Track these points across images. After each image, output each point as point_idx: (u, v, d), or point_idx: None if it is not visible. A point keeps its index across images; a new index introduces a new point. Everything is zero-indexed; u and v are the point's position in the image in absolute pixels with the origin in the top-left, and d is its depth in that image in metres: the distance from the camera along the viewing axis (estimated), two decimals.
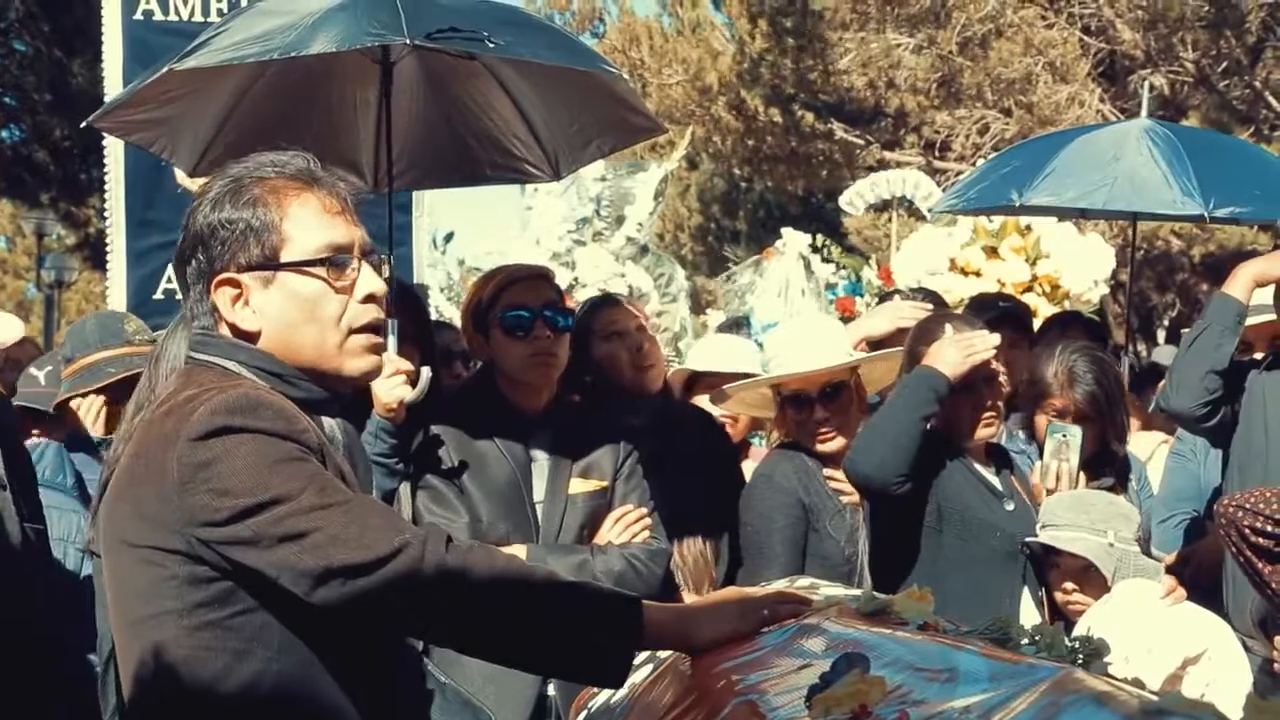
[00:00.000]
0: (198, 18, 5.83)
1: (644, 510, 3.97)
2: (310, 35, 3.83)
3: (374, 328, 2.40)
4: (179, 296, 2.47)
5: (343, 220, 2.38)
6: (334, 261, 2.34)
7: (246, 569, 2.19)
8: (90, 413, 4.24)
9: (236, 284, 2.33)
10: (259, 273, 2.33)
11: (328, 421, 2.46)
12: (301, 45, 3.83)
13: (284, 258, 2.33)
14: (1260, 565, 3.49)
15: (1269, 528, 3.45)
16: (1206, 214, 5.73)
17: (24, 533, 2.67)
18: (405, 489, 3.94)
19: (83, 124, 4.61)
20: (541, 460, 3.96)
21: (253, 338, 2.35)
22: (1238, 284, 4.38)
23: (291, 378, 2.34)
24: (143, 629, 2.26)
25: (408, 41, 3.86)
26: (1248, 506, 3.49)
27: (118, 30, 5.80)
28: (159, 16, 5.82)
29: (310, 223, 2.35)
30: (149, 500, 2.23)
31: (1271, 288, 4.57)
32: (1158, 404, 4.52)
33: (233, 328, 2.35)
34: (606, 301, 4.72)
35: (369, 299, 2.38)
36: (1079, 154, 5.97)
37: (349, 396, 2.52)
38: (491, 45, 3.96)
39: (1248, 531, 3.48)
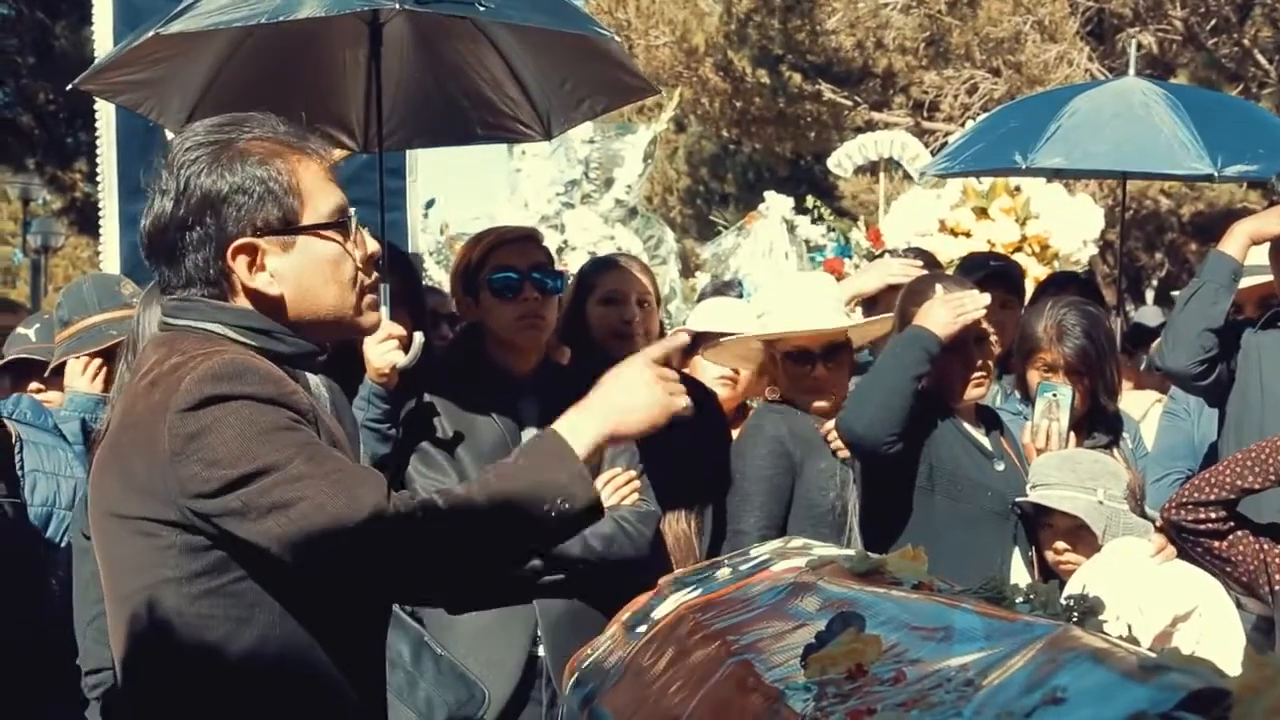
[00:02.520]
0: None
1: (633, 473, 3.97)
2: None
3: (376, 286, 2.42)
4: None
5: (334, 183, 2.37)
6: (344, 224, 2.34)
7: (238, 539, 2.17)
8: (89, 372, 4.24)
9: (253, 249, 2.28)
10: (279, 236, 2.29)
11: (313, 380, 2.44)
12: (289, 9, 3.79)
13: (304, 220, 2.30)
14: (1217, 545, 3.52)
15: (1210, 513, 3.48)
16: (1216, 174, 5.69)
17: (2, 508, 2.66)
18: None
19: (69, 86, 4.58)
20: (530, 423, 3.95)
21: (274, 302, 2.30)
22: (1233, 242, 4.36)
23: (279, 333, 2.31)
24: (139, 599, 2.23)
25: (397, 7, 3.83)
26: (1184, 501, 3.52)
27: None
28: None
29: (319, 185, 2.33)
30: (139, 472, 2.21)
31: (1264, 249, 4.55)
32: (1153, 362, 4.51)
33: (253, 293, 2.30)
34: (611, 264, 4.65)
35: (368, 259, 2.38)
36: (1080, 115, 5.89)
37: (333, 352, 2.50)
38: (482, 8, 3.93)
39: (1192, 524, 3.50)
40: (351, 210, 2.38)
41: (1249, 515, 3.59)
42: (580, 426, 2.28)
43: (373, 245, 2.39)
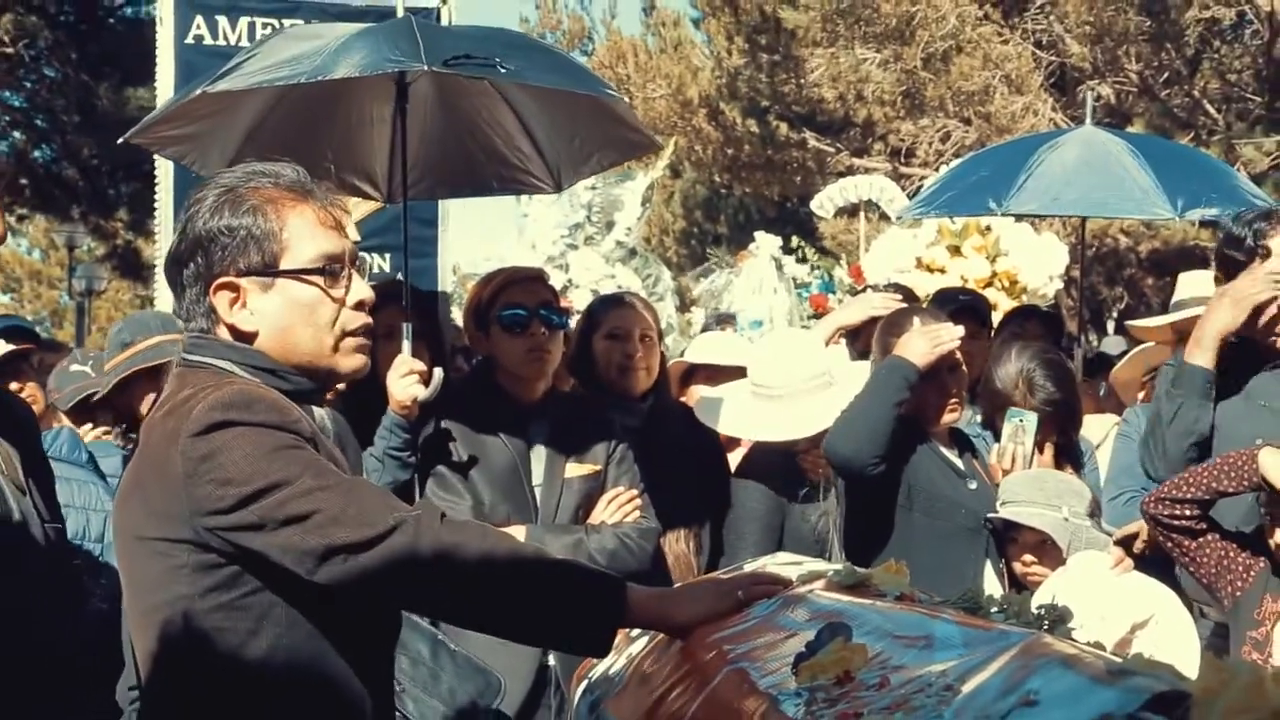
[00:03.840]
0: (244, 43, 5.79)
1: (634, 492, 3.97)
2: (334, 61, 3.81)
3: (364, 330, 2.40)
4: None
5: (335, 233, 2.37)
6: (329, 271, 2.34)
7: (252, 553, 2.17)
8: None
9: (235, 287, 2.31)
10: (258, 278, 2.31)
11: (318, 411, 2.45)
12: (326, 70, 3.80)
13: (283, 265, 2.31)
14: (1187, 544, 3.51)
15: (1186, 510, 3.47)
16: (1177, 216, 5.70)
17: (45, 533, 2.64)
18: None
19: (120, 140, 4.61)
20: (539, 447, 3.96)
21: (250, 338, 2.33)
22: (1203, 351, 3.96)
23: (282, 372, 2.33)
24: (158, 615, 2.24)
25: (425, 68, 3.84)
26: (1162, 496, 3.51)
27: (170, 54, 5.76)
28: (209, 41, 5.79)
29: (307, 233, 2.33)
30: (155, 495, 2.22)
31: (1206, 280, 4.52)
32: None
33: (231, 328, 2.33)
34: (617, 301, 4.65)
35: (359, 305, 2.38)
36: (1048, 164, 5.90)
37: (352, 389, 2.51)
38: (503, 71, 3.93)
39: (1167, 519, 3.49)
40: (347, 258, 2.37)
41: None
42: (645, 605, 2.32)
43: (363, 293, 2.38)
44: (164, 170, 5.79)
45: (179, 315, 2.41)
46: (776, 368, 4.49)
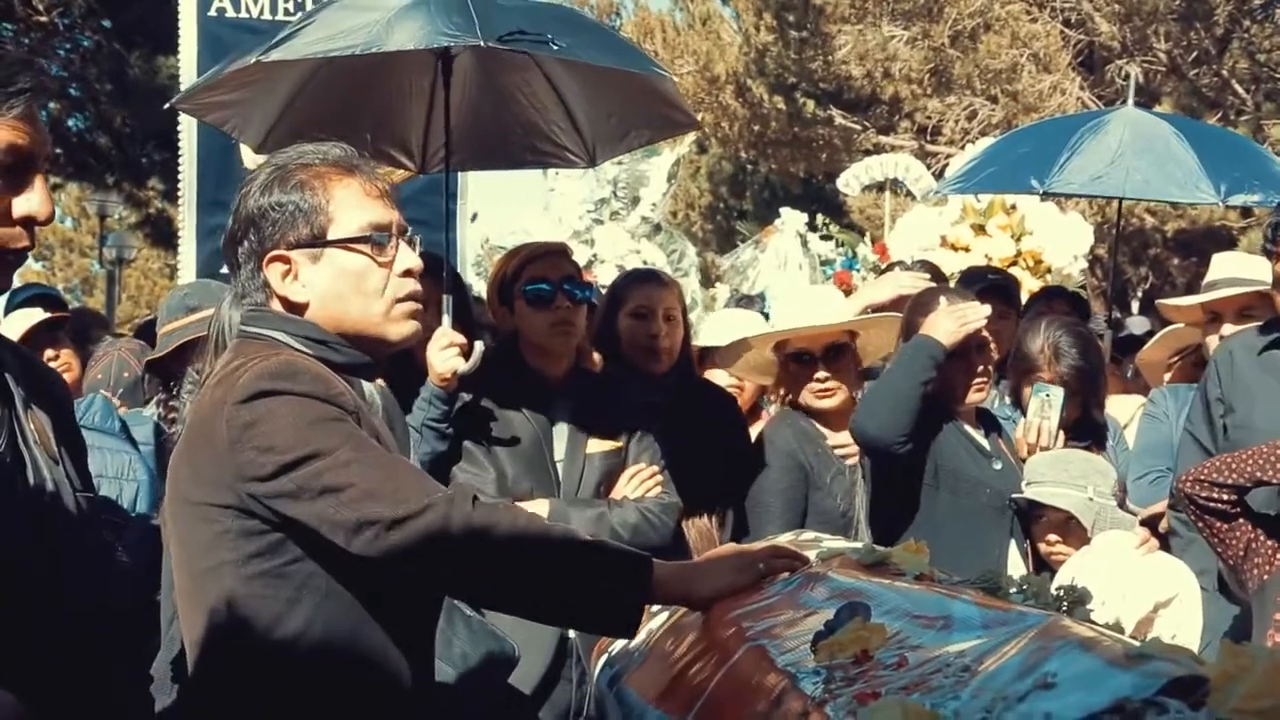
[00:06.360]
0: (266, 15, 5.79)
1: (656, 468, 3.97)
2: (388, 32, 3.80)
3: (413, 298, 2.44)
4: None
5: (381, 203, 2.43)
6: (375, 239, 2.39)
7: (292, 520, 2.21)
8: None
9: (287, 260, 2.38)
10: (308, 250, 2.37)
11: (367, 387, 2.48)
12: (380, 42, 3.80)
13: (330, 236, 2.37)
14: (1218, 525, 3.51)
15: (1224, 495, 3.47)
16: (1220, 202, 5.65)
17: (78, 503, 2.65)
18: None
19: (166, 105, 4.65)
20: (562, 423, 3.95)
21: (302, 309, 2.39)
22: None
23: (335, 344, 2.38)
24: (203, 580, 2.28)
25: (481, 43, 3.82)
26: (1201, 478, 3.50)
27: (193, 26, 5.78)
28: (231, 14, 5.80)
29: (353, 204, 2.39)
30: (203, 461, 2.26)
31: (1244, 260, 4.47)
32: (1138, 370, 4.42)
33: (284, 300, 2.39)
34: (642, 278, 4.63)
35: (407, 273, 2.43)
36: (1091, 143, 5.85)
37: (389, 363, 2.54)
38: (555, 47, 3.92)
39: (1203, 500, 3.49)
40: (394, 228, 2.42)
41: None
42: (669, 581, 2.34)
43: (411, 260, 2.43)
44: (188, 139, 5.82)
45: (237, 292, 2.47)
46: (792, 302, 4.48)
